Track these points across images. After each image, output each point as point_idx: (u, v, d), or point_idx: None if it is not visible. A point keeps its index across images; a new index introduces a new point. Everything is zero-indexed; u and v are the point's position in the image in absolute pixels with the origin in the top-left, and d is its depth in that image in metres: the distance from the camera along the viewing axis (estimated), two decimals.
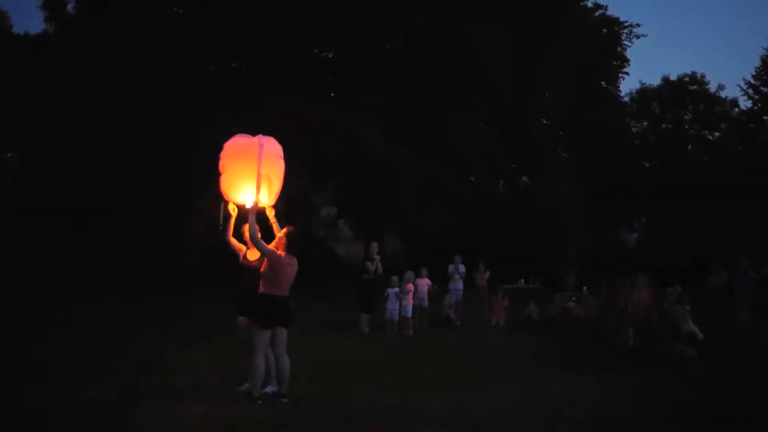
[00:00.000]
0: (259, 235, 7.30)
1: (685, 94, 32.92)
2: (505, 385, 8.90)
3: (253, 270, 7.36)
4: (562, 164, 28.65)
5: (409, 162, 19.75)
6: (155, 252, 19.85)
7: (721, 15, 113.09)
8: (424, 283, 14.67)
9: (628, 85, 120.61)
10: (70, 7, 22.13)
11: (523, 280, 19.38)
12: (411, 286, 14.03)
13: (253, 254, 7.49)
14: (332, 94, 22.66)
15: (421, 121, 21.19)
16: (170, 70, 18.38)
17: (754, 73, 29.51)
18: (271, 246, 7.22)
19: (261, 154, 7.03)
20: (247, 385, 7.25)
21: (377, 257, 13.67)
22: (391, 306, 13.71)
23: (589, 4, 30.38)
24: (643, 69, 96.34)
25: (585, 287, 16.30)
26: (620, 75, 32.23)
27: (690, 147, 32.95)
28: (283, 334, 7.22)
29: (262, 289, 7.09)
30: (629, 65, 32.04)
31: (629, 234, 34.02)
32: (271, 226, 7.54)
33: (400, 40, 20.18)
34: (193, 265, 20.57)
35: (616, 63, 31.87)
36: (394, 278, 13.97)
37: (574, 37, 25.34)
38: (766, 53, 29.20)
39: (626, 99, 33.53)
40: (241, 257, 7.65)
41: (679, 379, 9.73)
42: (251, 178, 7.07)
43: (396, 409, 7.18)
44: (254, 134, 7.39)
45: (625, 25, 31.44)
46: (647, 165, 32.74)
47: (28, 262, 19.20)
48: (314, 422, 6.56)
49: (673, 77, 33.31)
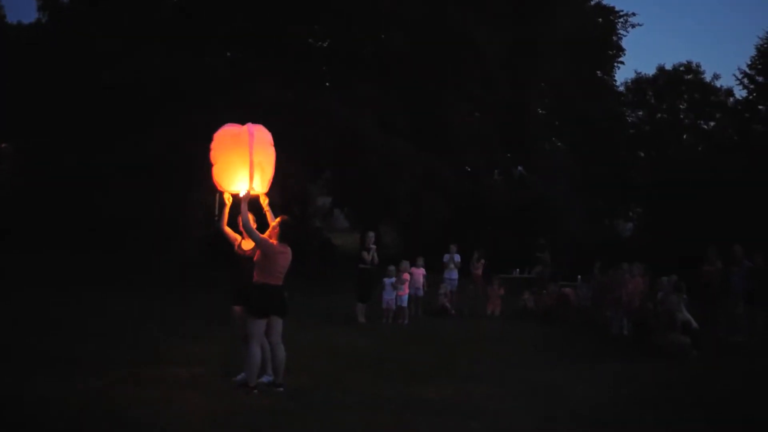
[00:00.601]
0: (255, 226, 7.30)
1: (680, 84, 32.90)
2: (500, 374, 8.95)
3: (248, 259, 7.34)
4: (557, 154, 28.66)
5: (405, 152, 19.73)
6: (152, 242, 19.83)
7: (717, 4, 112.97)
8: (420, 273, 14.71)
9: (623, 75, 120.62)
10: None
11: (518, 270, 19.45)
12: (407, 276, 14.07)
13: (248, 244, 7.47)
14: (327, 84, 22.59)
15: (417, 111, 21.15)
16: (165, 61, 18.27)
17: (750, 63, 29.45)
18: (265, 235, 7.22)
19: (252, 142, 7.03)
20: (242, 375, 7.25)
21: (373, 247, 13.68)
22: (387, 296, 13.76)
23: None
24: (639, 58, 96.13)
25: (579, 276, 16.36)
26: (615, 64, 32.19)
27: (685, 136, 32.97)
28: (278, 323, 7.21)
29: (255, 278, 7.08)
30: (624, 54, 32.05)
31: (624, 224, 34.08)
32: (265, 215, 7.55)
33: (395, 30, 20.11)
34: (190, 256, 20.56)
35: (611, 52, 31.82)
36: (391, 268, 14.01)
37: (570, 27, 25.26)
38: (761, 43, 29.18)
39: (621, 88, 33.53)
40: (236, 247, 7.64)
41: (674, 368, 9.79)
42: (244, 167, 7.07)
43: (392, 398, 7.21)
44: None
45: (621, 14, 31.37)
46: (642, 154, 32.77)
47: (25, 252, 19.17)
48: (310, 411, 6.58)
49: (669, 67, 33.33)
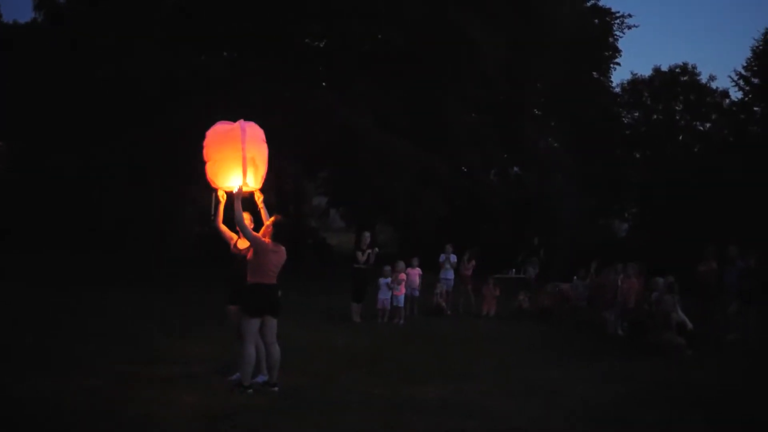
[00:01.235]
0: (252, 225, 7.31)
1: (676, 85, 32.93)
2: (496, 373, 8.95)
3: (243, 259, 7.35)
4: (553, 154, 28.69)
5: (402, 151, 19.72)
6: (149, 241, 19.82)
7: (713, 6, 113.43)
8: (416, 273, 14.70)
9: (619, 76, 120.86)
10: None
11: (514, 270, 19.43)
12: (403, 276, 14.05)
13: (244, 243, 7.47)
14: (324, 84, 22.58)
15: (414, 110, 21.16)
16: (162, 59, 18.24)
17: (745, 64, 29.55)
18: (259, 234, 7.23)
19: (244, 139, 7.07)
20: (237, 375, 7.25)
21: (370, 251, 13.61)
22: (383, 296, 13.74)
23: None
24: (635, 59, 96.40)
25: (575, 276, 16.35)
26: (612, 65, 32.27)
27: (681, 137, 33.02)
28: (272, 323, 7.22)
29: (249, 278, 7.09)
30: (621, 56, 32.10)
31: (620, 224, 34.12)
32: (260, 213, 7.56)
33: (394, 30, 20.11)
34: (186, 253, 20.55)
35: (607, 53, 31.87)
36: (386, 268, 13.99)
37: (566, 27, 25.29)
38: (757, 44, 29.27)
39: (617, 89, 33.59)
40: (232, 246, 7.64)
41: (670, 367, 9.81)
42: (236, 163, 7.10)
43: (388, 398, 7.21)
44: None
45: (617, 15, 31.44)
46: (638, 155, 32.81)
47: (23, 252, 19.12)
48: (305, 411, 6.57)
49: (665, 68, 33.36)
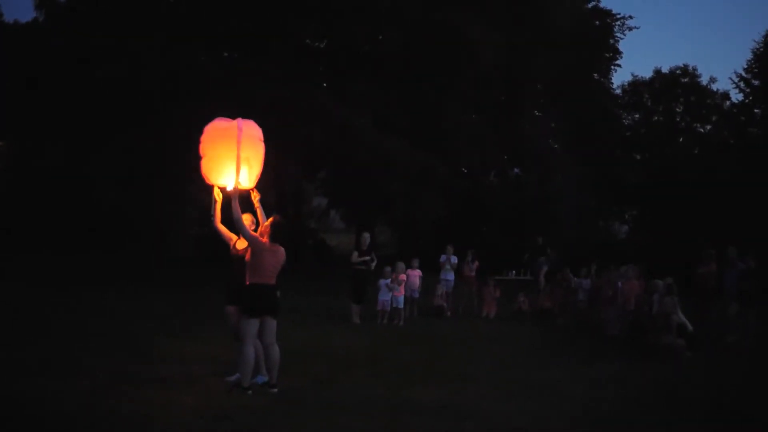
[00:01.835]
0: (254, 226, 7.32)
1: (676, 87, 32.93)
2: (495, 374, 8.93)
3: (241, 259, 7.35)
4: (553, 155, 28.68)
5: (401, 152, 19.72)
6: (149, 241, 19.82)
7: (714, 8, 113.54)
8: (416, 274, 14.67)
9: (620, 77, 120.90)
10: None
11: (514, 272, 19.42)
12: (403, 277, 14.03)
13: (242, 243, 7.48)
14: (323, 84, 22.58)
15: (413, 111, 21.15)
16: (161, 59, 18.24)
17: (746, 66, 29.56)
18: (258, 233, 7.25)
19: (240, 137, 7.09)
20: (237, 375, 7.24)
21: (369, 258, 13.64)
22: (383, 297, 13.73)
23: None
24: (635, 61, 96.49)
25: (575, 278, 16.32)
26: (612, 67, 32.25)
27: (681, 139, 33.02)
28: (272, 323, 7.21)
29: (248, 279, 7.10)
30: (621, 57, 32.09)
31: (620, 225, 34.11)
32: (256, 212, 7.57)
33: (392, 30, 20.11)
34: (186, 254, 20.53)
35: (608, 55, 31.87)
36: (387, 269, 13.98)
37: (566, 29, 25.28)
38: (757, 46, 29.28)
39: (618, 91, 33.59)
40: (232, 247, 7.65)
41: (669, 369, 9.81)
42: (231, 162, 7.13)
43: (387, 399, 7.20)
44: None
45: (618, 17, 31.43)
46: (638, 157, 32.81)
47: (23, 252, 19.11)
48: (304, 412, 6.56)
49: (665, 70, 33.37)
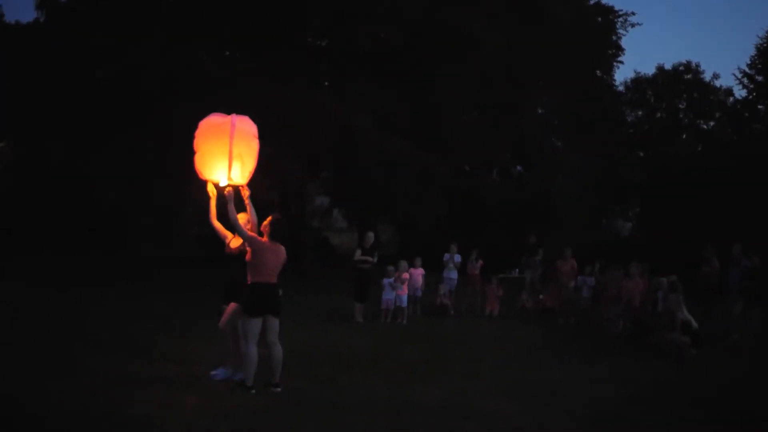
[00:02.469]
0: (251, 224, 7.32)
1: (679, 83, 32.86)
2: (498, 373, 8.92)
3: (235, 258, 7.46)
4: (555, 153, 28.62)
5: (402, 151, 19.68)
6: (148, 240, 19.81)
7: (716, 4, 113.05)
8: (419, 273, 14.64)
9: (622, 74, 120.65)
10: None
11: (517, 270, 19.37)
12: (406, 275, 14.01)
13: (236, 242, 7.58)
14: (325, 83, 22.55)
15: (415, 109, 21.11)
16: (161, 58, 18.21)
17: (749, 62, 29.42)
18: (263, 225, 7.30)
19: (233, 134, 7.10)
20: (220, 371, 7.52)
21: (372, 259, 13.62)
22: (386, 296, 13.71)
23: None
24: (638, 58, 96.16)
25: (578, 276, 16.28)
26: (615, 64, 32.16)
27: (684, 136, 32.94)
28: (274, 322, 7.21)
29: (249, 278, 7.12)
30: (624, 54, 32.00)
31: (623, 223, 34.04)
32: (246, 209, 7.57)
33: (392, 29, 20.06)
34: (186, 253, 20.52)
35: (610, 52, 31.77)
36: (390, 268, 13.97)
37: (568, 25, 25.20)
38: (761, 42, 29.14)
39: (621, 88, 33.51)
40: (226, 246, 7.72)
41: (673, 367, 9.77)
42: (223, 157, 7.15)
43: (389, 398, 7.18)
44: None
45: (620, 13, 31.31)
46: (641, 154, 32.74)
47: (23, 251, 19.12)
48: (306, 411, 6.55)
49: (668, 66, 33.29)
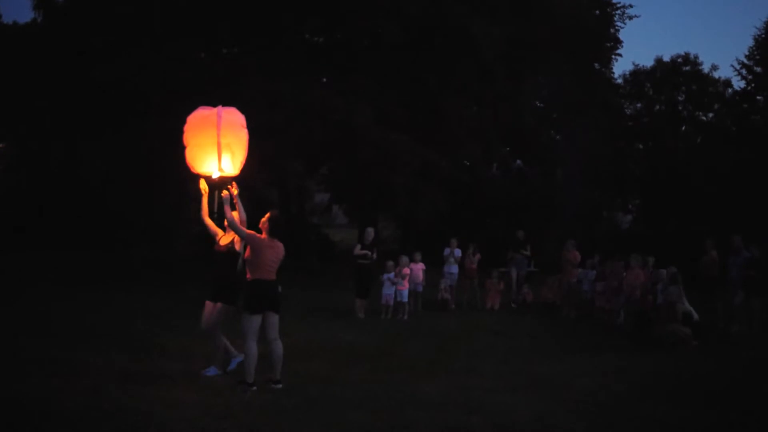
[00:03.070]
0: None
1: (678, 75, 32.80)
2: (500, 367, 8.92)
3: (221, 255, 7.59)
4: (555, 146, 28.59)
5: (402, 145, 19.66)
6: (149, 239, 19.81)
7: None
8: (419, 268, 14.61)
9: (621, 67, 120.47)
10: None
11: (526, 259, 19.32)
12: (407, 270, 14.00)
13: (226, 239, 7.66)
14: (324, 80, 22.51)
15: (414, 104, 21.08)
16: (160, 57, 18.18)
17: (747, 53, 29.41)
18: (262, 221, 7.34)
19: (220, 124, 7.15)
20: (212, 369, 7.58)
21: (368, 252, 13.62)
22: (386, 291, 13.70)
23: None
24: (636, 50, 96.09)
25: (580, 269, 16.28)
26: (613, 56, 32.08)
27: (684, 128, 32.92)
28: (274, 319, 7.23)
29: (249, 276, 7.19)
30: (622, 47, 31.89)
31: (623, 215, 34.02)
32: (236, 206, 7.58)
33: (391, 24, 20.02)
34: (188, 252, 20.50)
35: (609, 44, 31.69)
36: (390, 263, 13.96)
37: (566, 19, 25.14)
38: (759, 33, 29.13)
39: (619, 81, 33.46)
40: (216, 243, 7.79)
41: (674, 359, 9.77)
42: (213, 148, 7.20)
43: (391, 394, 7.19)
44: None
45: (618, 5, 31.23)
46: (641, 146, 32.71)
47: (25, 250, 19.13)
48: (308, 408, 6.55)
49: (666, 58, 33.23)
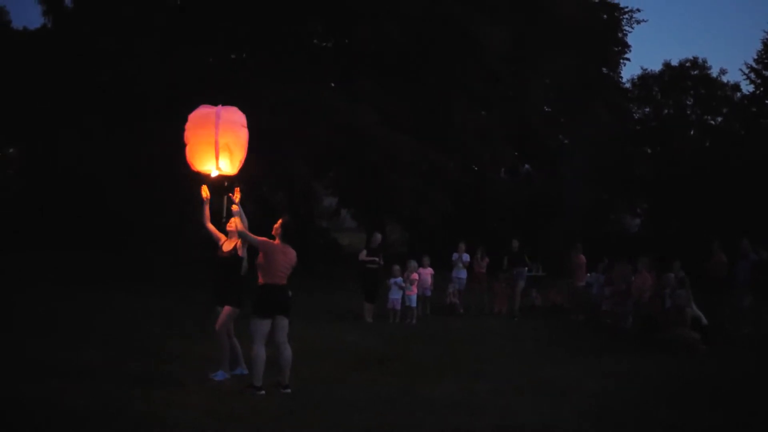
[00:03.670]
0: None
1: (686, 79, 32.75)
2: (507, 371, 8.91)
3: (224, 260, 7.67)
4: (562, 150, 28.55)
5: (409, 149, 19.68)
6: (153, 241, 19.85)
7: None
8: (428, 272, 14.57)
9: (629, 71, 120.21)
10: (68, 0, 21.98)
11: (526, 268, 19.31)
12: (416, 275, 13.97)
13: (228, 245, 7.72)
14: (331, 84, 22.57)
15: (421, 107, 21.10)
16: (166, 61, 18.27)
17: (756, 57, 29.31)
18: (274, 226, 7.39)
19: (218, 124, 7.20)
20: (220, 373, 7.60)
21: (377, 259, 13.65)
22: (394, 296, 13.68)
23: None
24: (644, 54, 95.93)
25: (589, 273, 16.26)
26: (621, 61, 32.06)
27: (692, 132, 32.84)
28: (284, 323, 7.25)
29: (260, 280, 7.24)
30: (630, 51, 31.90)
31: (632, 219, 33.94)
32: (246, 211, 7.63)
33: (397, 28, 20.06)
34: (194, 254, 20.52)
35: (617, 49, 31.69)
36: (396, 268, 13.89)
37: (574, 22, 25.15)
38: (767, 37, 29.05)
39: (627, 85, 33.43)
40: (219, 248, 7.84)
41: (682, 363, 9.74)
42: (211, 147, 7.25)
43: (398, 397, 7.20)
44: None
45: (625, 10, 31.25)
46: (649, 150, 32.64)
47: (29, 251, 19.22)
48: (315, 411, 6.57)
49: (675, 62, 33.21)
